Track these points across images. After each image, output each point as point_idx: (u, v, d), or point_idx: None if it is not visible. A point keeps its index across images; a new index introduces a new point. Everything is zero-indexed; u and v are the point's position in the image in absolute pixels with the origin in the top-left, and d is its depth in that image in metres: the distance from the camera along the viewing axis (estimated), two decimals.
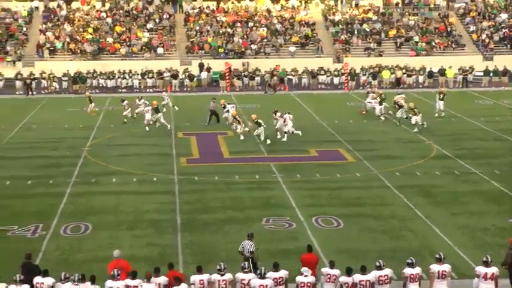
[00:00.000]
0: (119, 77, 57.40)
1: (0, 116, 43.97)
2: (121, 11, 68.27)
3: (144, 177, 30.06)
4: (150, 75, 57.72)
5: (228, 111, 40.60)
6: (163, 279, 16.68)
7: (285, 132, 36.74)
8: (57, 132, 39.39)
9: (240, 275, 16.81)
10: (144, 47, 62.59)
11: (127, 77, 57.60)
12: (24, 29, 66.15)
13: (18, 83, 55.52)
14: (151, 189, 28.54)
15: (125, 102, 42.49)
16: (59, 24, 66.54)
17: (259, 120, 36.78)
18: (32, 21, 67.71)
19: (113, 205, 26.36)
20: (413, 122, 39.28)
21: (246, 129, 37.51)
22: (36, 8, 69.27)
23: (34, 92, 53.97)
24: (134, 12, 68.36)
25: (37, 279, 16.46)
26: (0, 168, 31.53)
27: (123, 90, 55.56)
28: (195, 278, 16.86)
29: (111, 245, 21.47)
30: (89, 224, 24.11)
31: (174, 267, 17.79)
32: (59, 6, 68.97)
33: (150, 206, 26.23)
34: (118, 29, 65.18)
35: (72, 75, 56.62)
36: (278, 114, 37.51)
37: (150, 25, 66.22)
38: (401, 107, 41.54)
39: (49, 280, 16.48)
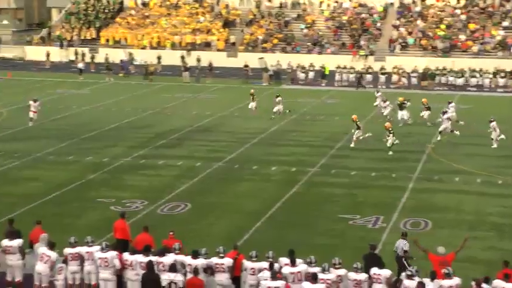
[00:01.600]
0: (469, 75, 56.26)
1: (350, 109, 45.40)
2: (476, 8, 66.75)
3: (488, 179, 29.17)
4: (502, 74, 55.79)
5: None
6: None
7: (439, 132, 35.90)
8: (403, 127, 39.65)
9: None
10: (497, 45, 60.62)
11: (477, 75, 56.23)
12: (378, 24, 67.65)
13: (369, 76, 57.00)
14: (495, 191, 27.62)
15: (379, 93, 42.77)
16: (412, 20, 66.99)
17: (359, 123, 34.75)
18: (387, 16, 68.98)
19: (454, 204, 25.97)
20: None
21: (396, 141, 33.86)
22: (392, 4, 70.43)
23: (365, 86, 54.81)
24: (490, 9, 66.43)
25: (374, 271, 16.63)
26: (348, 159, 32.61)
27: (473, 89, 54.37)
28: None
29: (449, 244, 21.08)
30: (429, 221, 23.98)
31: None
32: (414, 2, 69.43)
33: (493, 208, 25.41)
34: (471, 26, 63.86)
35: (421, 71, 56.69)
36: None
37: (505, 23, 63.88)
38: None
39: (387, 272, 16.56)
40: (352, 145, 34.70)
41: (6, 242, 17.84)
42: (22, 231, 18.80)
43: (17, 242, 17.84)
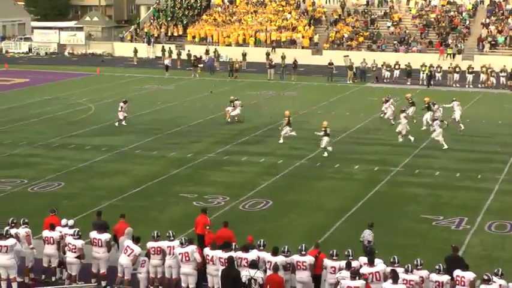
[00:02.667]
0: None
1: None
2: None
3: None
4: None
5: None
6: None
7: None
8: (489, 127, 38.85)
9: None
10: None
11: None
12: (467, 22, 66.36)
13: (456, 76, 55.79)
14: None
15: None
16: (503, 18, 65.45)
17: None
18: (476, 14, 67.61)
19: None
20: None
21: None
22: (481, 1, 69.02)
23: (432, 83, 53.82)
24: None
25: (457, 273, 16.30)
26: (432, 159, 32.12)
27: None
28: None
29: None
30: None
31: None
32: (505, 0, 67.85)
33: None
34: None
35: (509, 70, 55.22)
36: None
37: None
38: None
39: (470, 275, 16.20)
40: (280, 141, 34.50)
41: (94, 235, 18.24)
42: (109, 224, 19.23)
43: (105, 236, 18.22)
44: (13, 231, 18.22)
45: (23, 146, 33.89)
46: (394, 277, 15.68)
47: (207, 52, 64.92)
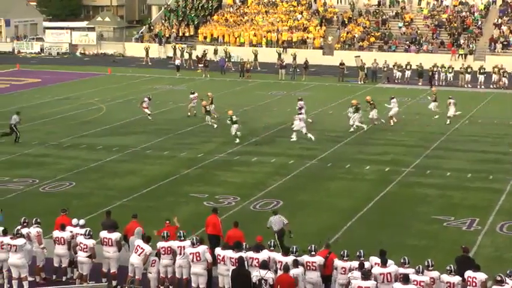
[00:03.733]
0: None
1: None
2: None
3: None
4: None
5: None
6: None
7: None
8: (501, 128, 38.72)
9: None
10: None
11: None
12: (479, 22, 66.14)
13: (467, 76, 55.53)
14: None
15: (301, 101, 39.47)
16: None
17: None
18: (488, 15, 67.37)
19: None
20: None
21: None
22: (494, 2, 68.76)
23: (433, 83, 53.61)
24: None
25: (468, 273, 16.25)
26: (443, 159, 32.04)
27: None
28: None
29: None
30: None
31: None
32: None
33: None
34: None
35: None
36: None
37: None
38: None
39: (482, 276, 16.14)
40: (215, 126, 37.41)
41: (105, 234, 18.28)
42: (118, 223, 19.28)
43: (116, 236, 18.27)
44: (24, 230, 18.31)
45: (34, 145, 34.01)
46: (405, 278, 15.65)
47: (215, 52, 64.94)
